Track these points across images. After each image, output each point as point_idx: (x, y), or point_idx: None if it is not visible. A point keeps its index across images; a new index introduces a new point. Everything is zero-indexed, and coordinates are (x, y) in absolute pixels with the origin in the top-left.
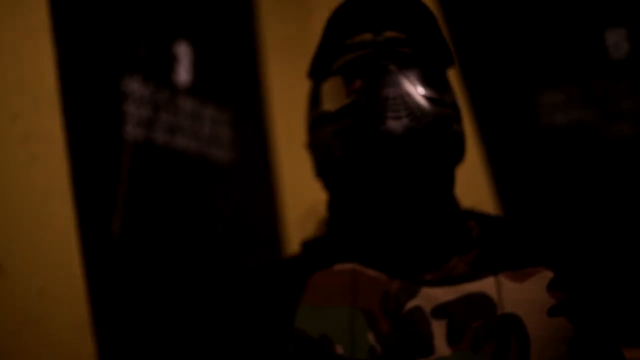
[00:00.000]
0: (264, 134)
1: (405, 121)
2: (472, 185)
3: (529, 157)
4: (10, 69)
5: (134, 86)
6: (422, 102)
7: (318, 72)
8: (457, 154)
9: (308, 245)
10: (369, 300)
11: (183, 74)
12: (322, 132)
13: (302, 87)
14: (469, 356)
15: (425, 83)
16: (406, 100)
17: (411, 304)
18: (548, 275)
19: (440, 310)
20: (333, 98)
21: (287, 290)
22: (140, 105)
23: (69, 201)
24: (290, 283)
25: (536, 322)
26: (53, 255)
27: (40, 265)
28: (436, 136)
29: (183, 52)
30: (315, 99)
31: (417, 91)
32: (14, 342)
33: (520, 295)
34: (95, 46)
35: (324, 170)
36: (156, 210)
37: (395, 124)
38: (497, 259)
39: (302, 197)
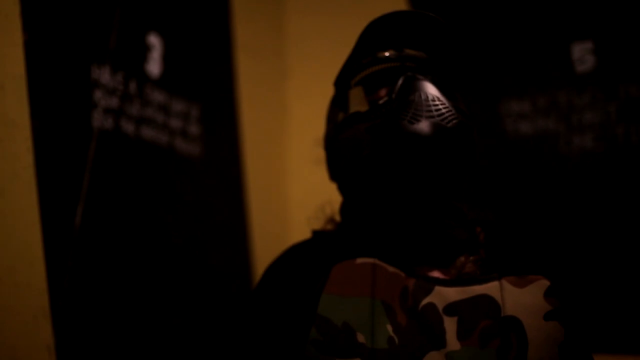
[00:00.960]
0: (233, 130)
1: (434, 121)
2: None
3: (493, 164)
4: None
5: (103, 75)
6: (450, 106)
7: (344, 81)
8: (472, 162)
9: (321, 236)
10: (388, 294)
11: (153, 66)
12: (352, 130)
13: (273, 85)
14: (477, 351)
15: (450, 93)
16: (436, 103)
17: (426, 300)
18: (545, 283)
19: (452, 308)
20: (356, 104)
21: (311, 278)
22: (109, 95)
23: (32, 188)
24: (315, 271)
25: (533, 324)
26: (13, 243)
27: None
28: (460, 139)
29: (154, 44)
30: (341, 105)
31: (444, 98)
32: None
33: (521, 299)
34: (64, 33)
35: (350, 167)
36: (121, 201)
37: (425, 123)
38: (501, 264)
39: (268, 192)
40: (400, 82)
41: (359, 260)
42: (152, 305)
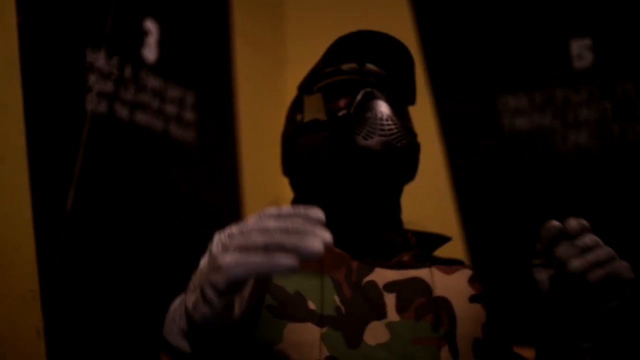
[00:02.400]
0: (229, 117)
1: (386, 140)
2: (434, 186)
3: (489, 159)
4: None
5: (98, 59)
6: (400, 127)
7: (307, 86)
8: (412, 174)
9: None
10: (335, 271)
11: (149, 51)
12: (311, 137)
13: (270, 74)
14: (413, 323)
15: (401, 112)
16: (389, 122)
17: (368, 278)
18: (468, 272)
19: (391, 286)
20: (316, 111)
21: None
22: (103, 79)
23: (24, 171)
24: None
25: (460, 305)
26: (3, 223)
27: None
28: (407, 157)
29: (150, 30)
30: (302, 108)
31: (398, 118)
32: None
33: (449, 283)
34: (59, 16)
35: (305, 169)
36: (113, 185)
37: (377, 141)
38: (432, 258)
39: (263, 180)
40: (359, 97)
41: None
42: (142, 289)
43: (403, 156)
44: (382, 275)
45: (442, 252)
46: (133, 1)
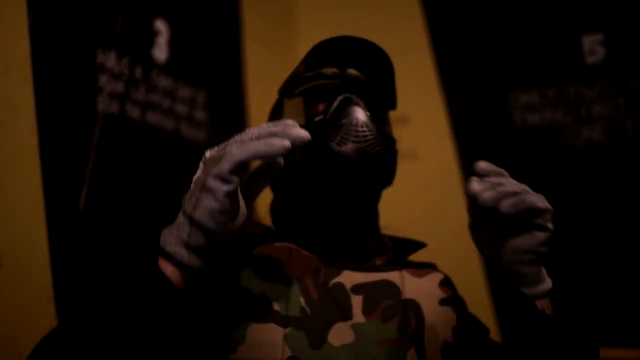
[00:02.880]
0: (240, 117)
1: (360, 146)
2: (445, 183)
3: (501, 155)
4: None
5: (109, 60)
6: (376, 133)
7: (287, 90)
8: (390, 180)
9: (256, 227)
10: (302, 272)
11: (160, 51)
12: None
13: (280, 73)
14: (379, 325)
15: (378, 118)
16: (364, 129)
17: (335, 280)
18: (439, 275)
19: (358, 288)
20: (296, 115)
21: (235, 258)
22: (114, 80)
23: (36, 171)
24: (239, 252)
25: (430, 307)
26: (17, 223)
27: (2, 233)
28: (382, 164)
29: (161, 30)
30: (282, 112)
31: (374, 124)
32: None
33: (419, 286)
34: (70, 17)
35: (281, 172)
36: (125, 185)
37: (351, 147)
38: (404, 262)
39: None
40: (336, 103)
41: (278, 244)
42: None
43: (377, 163)
44: (350, 278)
45: (457, 247)
46: (143, 2)
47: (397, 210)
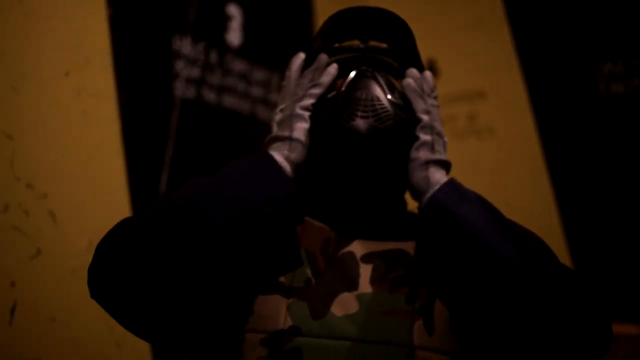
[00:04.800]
0: None
1: (370, 121)
2: (525, 156)
3: (584, 126)
4: (63, 27)
5: (184, 46)
6: (388, 106)
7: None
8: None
9: None
10: (312, 243)
11: (233, 36)
12: None
13: None
14: (386, 295)
15: (393, 90)
16: (374, 103)
17: (345, 249)
18: None
19: (369, 257)
20: None
21: None
22: (190, 65)
23: (119, 155)
24: None
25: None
26: (102, 208)
27: (89, 216)
28: (393, 138)
29: (234, 14)
30: None
31: (386, 96)
32: (63, 288)
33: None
34: (146, 6)
35: None
36: (204, 168)
37: (362, 122)
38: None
39: None
40: (350, 77)
41: None
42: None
43: (388, 136)
44: (361, 247)
45: (537, 223)
46: None
47: (474, 187)
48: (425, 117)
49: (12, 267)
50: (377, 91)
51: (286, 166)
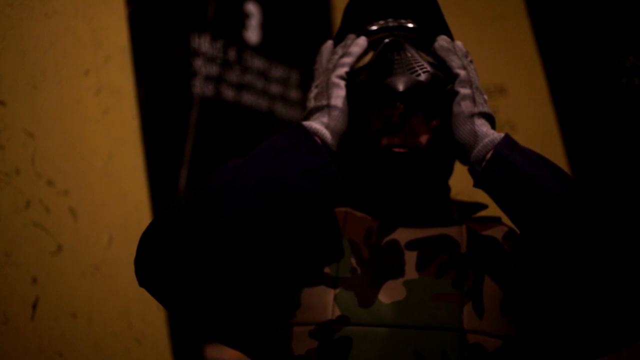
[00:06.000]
0: None
1: (407, 75)
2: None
3: (607, 120)
4: (83, 26)
5: (203, 44)
6: (423, 63)
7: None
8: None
9: None
10: (355, 234)
11: (252, 33)
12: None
13: None
14: (433, 281)
15: (427, 53)
16: (409, 59)
17: (389, 237)
18: (504, 229)
19: (413, 244)
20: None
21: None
22: (209, 63)
23: (139, 152)
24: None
25: (491, 262)
26: (122, 204)
27: (110, 213)
28: (431, 90)
29: (252, 12)
30: None
31: (419, 55)
32: (83, 283)
33: (480, 240)
34: (165, 5)
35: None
36: (222, 164)
37: (398, 77)
38: (466, 218)
39: None
40: (382, 44)
41: (335, 209)
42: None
43: (425, 88)
44: (404, 234)
45: None
46: None
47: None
48: (462, 72)
49: (33, 263)
50: (411, 51)
51: (326, 134)
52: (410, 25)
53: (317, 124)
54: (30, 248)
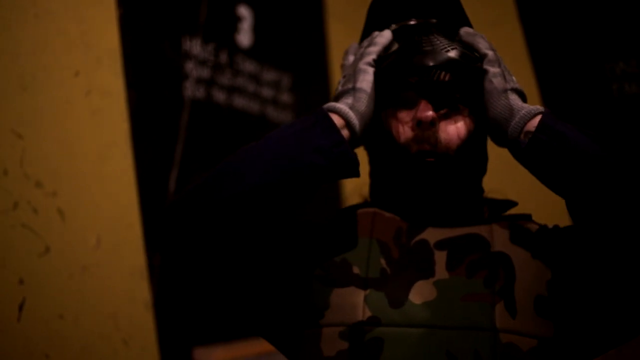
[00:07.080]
0: (325, 98)
1: (436, 52)
2: None
3: (598, 126)
4: (73, 27)
5: (194, 47)
6: (449, 42)
7: None
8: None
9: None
10: (384, 234)
11: (244, 36)
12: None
13: None
14: (463, 280)
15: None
16: (436, 38)
17: (418, 237)
18: (534, 226)
19: (443, 243)
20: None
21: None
22: (200, 66)
23: (128, 155)
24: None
25: (522, 261)
26: (111, 206)
27: (98, 214)
28: (460, 66)
29: (244, 15)
30: None
31: (445, 37)
32: (71, 285)
33: (510, 238)
34: (156, 7)
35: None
36: (213, 167)
37: (427, 56)
38: (496, 217)
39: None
40: (409, 27)
41: (361, 210)
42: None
43: (455, 64)
44: (433, 234)
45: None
46: None
47: (486, 189)
48: (490, 52)
49: (21, 264)
50: (437, 34)
51: (349, 112)
52: (434, 22)
53: (341, 104)
54: (17, 249)
